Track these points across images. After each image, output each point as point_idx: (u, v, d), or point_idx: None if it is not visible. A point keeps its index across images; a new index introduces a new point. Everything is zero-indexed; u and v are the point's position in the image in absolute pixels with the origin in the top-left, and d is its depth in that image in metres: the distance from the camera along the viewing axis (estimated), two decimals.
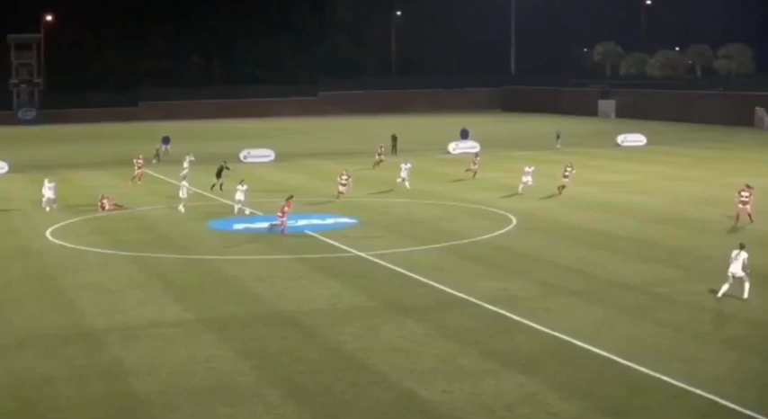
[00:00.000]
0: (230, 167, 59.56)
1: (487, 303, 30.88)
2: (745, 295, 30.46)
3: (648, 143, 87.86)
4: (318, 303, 31.36)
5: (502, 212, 48.73)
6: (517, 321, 28.89)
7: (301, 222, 46.29)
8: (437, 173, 65.87)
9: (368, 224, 46.29)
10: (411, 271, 35.49)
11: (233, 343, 27.11)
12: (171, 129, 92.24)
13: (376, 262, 37.43)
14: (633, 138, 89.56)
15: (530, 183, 54.76)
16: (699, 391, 22.61)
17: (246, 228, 45.47)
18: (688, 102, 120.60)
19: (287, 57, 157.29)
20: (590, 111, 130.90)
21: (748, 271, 30.54)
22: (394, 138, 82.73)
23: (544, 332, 27.68)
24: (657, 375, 23.76)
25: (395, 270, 36.03)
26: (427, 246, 40.41)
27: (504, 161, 73.63)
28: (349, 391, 23.20)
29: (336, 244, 41.20)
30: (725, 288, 30.60)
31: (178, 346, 26.83)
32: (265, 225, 45.61)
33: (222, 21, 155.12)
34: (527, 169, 55.38)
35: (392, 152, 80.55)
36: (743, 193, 44.03)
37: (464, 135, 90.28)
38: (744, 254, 30.58)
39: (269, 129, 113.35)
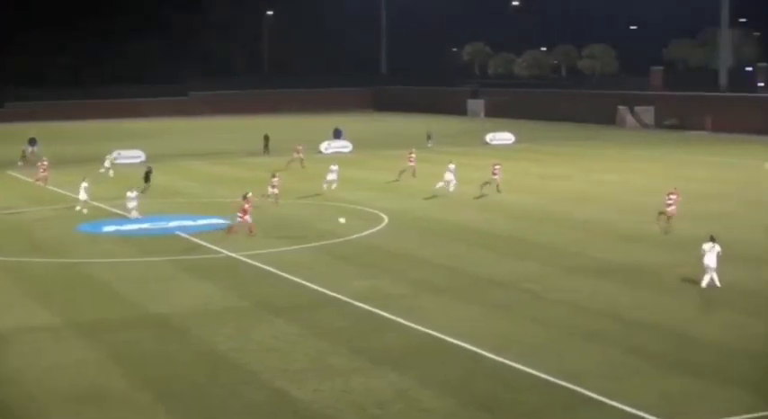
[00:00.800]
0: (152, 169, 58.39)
1: (359, 301, 30.90)
2: (703, 284, 31.79)
3: (516, 141, 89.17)
4: (190, 304, 30.98)
5: (374, 211, 48.85)
6: (389, 319, 28.97)
7: (172, 223, 45.73)
8: (309, 173, 65.68)
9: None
10: (283, 271, 35.31)
11: (103, 346, 26.60)
12: (38, 131, 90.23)
13: (248, 263, 37.15)
14: (502, 137, 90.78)
15: (454, 182, 54.64)
16: (567, 384, 22.96)
17: (117, 231, 44.69)
18: (554, 102, 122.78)
19: (158, 57, 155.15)
20: (460, 110, 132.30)
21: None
22: (266, 138, 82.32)
23: (416, 329, 27.80)
24: (527, 369, 24.06)
25: (267, 270, 35.81)
26: (300, 246, 40.28)
27: (378, 160, 73.85)
28: (222, 392, 22.95)
29: (208, 245, 40.78)
30: (706, 278, 31.83)
31: (46, 351, 26.22)
32: (135, 227, 44.87)
33: (92, 20, 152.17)
34: (450, 166, 55.09)
35: (264, 152, 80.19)
36: (670, 196, 43.37)
37: (337, 134, 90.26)
38: (717, 247, 31.88)
39: (140, 129, 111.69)
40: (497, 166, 55.65)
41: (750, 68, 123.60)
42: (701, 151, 79.77)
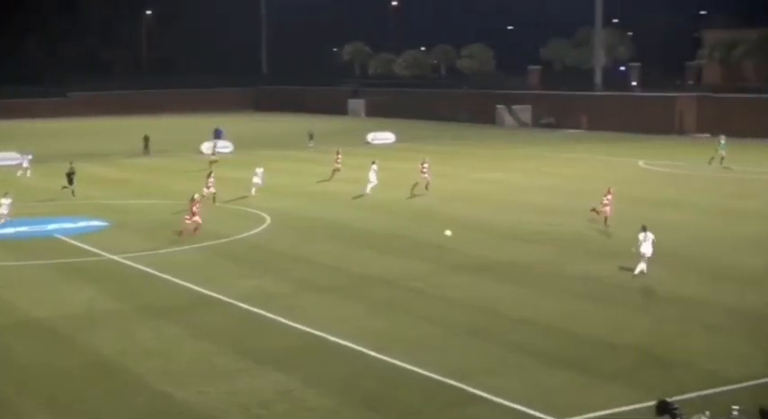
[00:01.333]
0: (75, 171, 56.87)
1: (242, 302, 30.76)
2: (636, 271, 33.27)
3: (397, 141, 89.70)
4: (72, 308, 30.46)
5: (256, 212, 48.66)
6: (272, 319, 28.91)
7: (51, 226, 44.89)
8: (189, 173, 65.14)
9: (120, 226, 45.30)
10: (165, 273, 34.96)
11: None
12: None
13: (130, 265, 36.69)
14: (382, 136, 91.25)
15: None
16: (450, 381, 23.21)
17: None
18: (434, 101, 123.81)
19: (36, 58, 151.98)
20: (341, 110, 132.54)
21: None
22: (146, 139, 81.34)
23: (300, 329, 27.80)
24: (410, 367, 24.24)
25: (149, 272, 35.41)
26: (181, 247, 39.90)
27: (259, 160, 73.47)
28: (105, 397, 22.64)
29: (88, 247, 40.13)
30: (641, 266, 33.20)
31: None
32: (12, 230, 43.89)
33: None
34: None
35: (144, 153, 79.26)
36: (607, 197, 43.22)
37: (217, 135, 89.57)
38: (651, 235, 33.16)
39: (17, 130, 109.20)
40: (426, 165, 55.61)
41: (624, 68, 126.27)
42: (578, 149, 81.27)
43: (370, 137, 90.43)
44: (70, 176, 55.41)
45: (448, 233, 39.79)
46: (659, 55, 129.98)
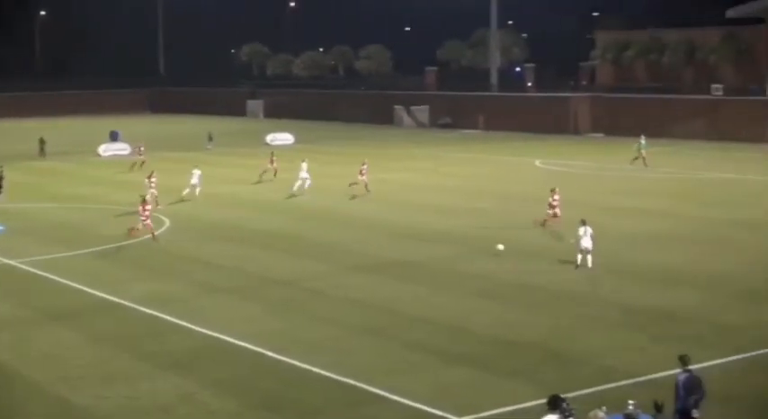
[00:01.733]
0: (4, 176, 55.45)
1: (141, 306, 30.49)
2: (590, 264, 34.55)
3: (296, 142, 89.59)
4: None
5: (154, 214, 48.09)
6: (171, 322, 28.72)
7: None
8: (87, 176, 64.31)
9: (16, 231, 44.49)
10: (62, 277, 34.48)
11: None
12: None
13: (26, 270, 36.10)
14: (281, 138, 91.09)
15: (308, 181, 54.44)
16: (349, 381, 23.32)
17: None
18: (332, 102, 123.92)
19: None
20: (239, 111, 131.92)
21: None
22: (42, 142, 79.97)
23: (198, 331, 27.67)
24: (309, 367, 24.30)
25: (45, 276, 34.88)
26: (78, 251, 39.38)
27: (157, 162, 72.78)
28: (1, 404, 22.27)
29: None
30: (579, 259, 34.68)
31: None
32: None
33: None
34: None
35: (39, 155, 77.95)
36: (554, 197, 42.85)
37: (114, 137, 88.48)
38: (590, 229, 34.76)
39: None
40: (365, 166, 55.55)
41: (519, 69, 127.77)
42: (475, 149, 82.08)
43: (269, 138, 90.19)
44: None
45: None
46: (554, 56, 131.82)
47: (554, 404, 16.78)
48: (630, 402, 18.01)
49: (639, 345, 26.00)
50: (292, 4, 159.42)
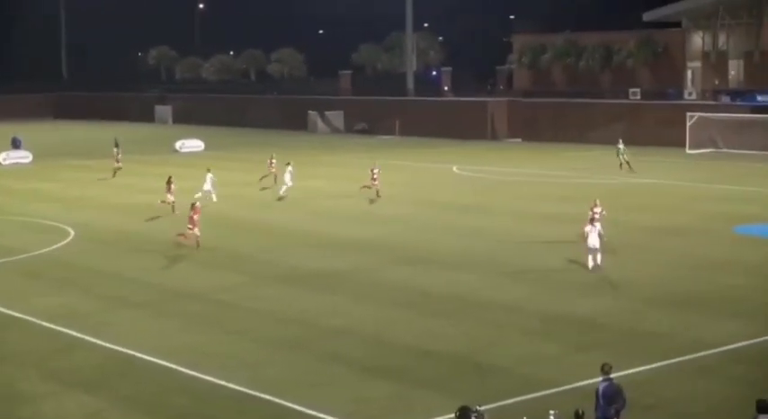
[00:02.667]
0: None
1: (46, 321, 30.04)
2: (600, 262, 35.42)
3: (207, 148, 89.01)
4: None
5: (59, 225, 47.51)
6: (78, 338, 28.34)
7: None
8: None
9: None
10: None
11: None
12: None
13: None
14: (191, 144, 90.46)
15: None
16: (263, 395, 23.22)
17: None
18: (244, 107, 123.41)
19: None
20: (147, 116, 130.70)
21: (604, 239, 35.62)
22: None
23: (107, 347, 27.34)
24: (223, 382, 24.15)
25: None
26: None
27: (61, 170, 71.90)
28: None
29: None
30: (590, 261, 35.49)
31: None
32: None
33: None
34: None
35: None
36: (595, 209, 40.20)
37: (15, 144, 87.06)
38: (598, 227, 35.74)
39: None
40: (376, 170, 55.76)
41: (435, 72, 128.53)
42: (392, 155, 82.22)
43: (179, 144, 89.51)
44: None
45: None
46: (470, 59, 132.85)
47: (463, 415, 16.84)
48: (552, 412, 18.19)
49: (560, 354, 26.28)
50: (201, 5, 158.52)
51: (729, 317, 29.66)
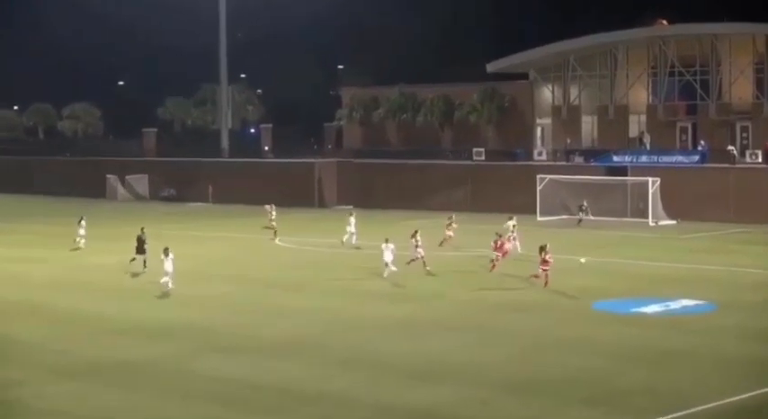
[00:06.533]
0: None
1: None
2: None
3: None
4: None
5: None
6: None
7: None
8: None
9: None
10: None
11: None
12: None
13: None
14: None
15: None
16: None
17: None
18: (30, 170, 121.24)
19: None
20: None
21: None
22: None
23: None
24: None
25: None
26: None
27: None
28: None
29: None
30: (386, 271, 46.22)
31: None
32: None
33: None
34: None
35: None
36: (546, 256, 49.48)
37: None
38: (391, 245, 49.06)
39: None
40: (453, 224, 63.23)
41: (254, 130, 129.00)
42: (204, 226, 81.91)
43: None
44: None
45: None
46: (294, 115, 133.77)
47: None
48: None
49: None
50: None
51: (581, 404, 30.40)
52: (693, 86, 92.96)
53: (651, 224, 79.14)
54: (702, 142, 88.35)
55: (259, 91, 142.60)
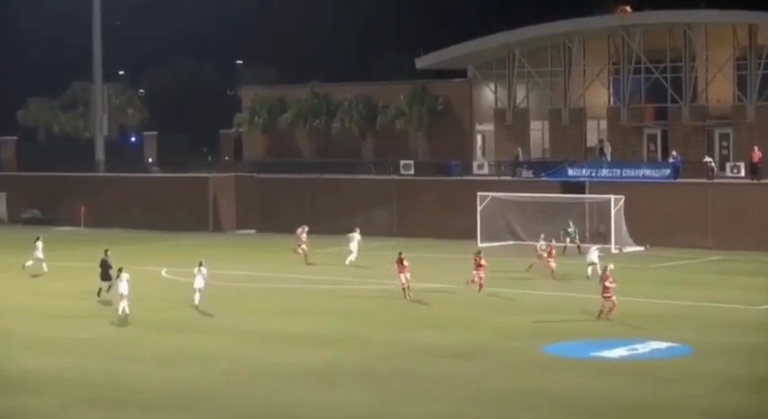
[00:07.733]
0: None
1: None
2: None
3: None
4: None
5: None
6: None
7: None
8: None
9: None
10: None
11: None
12: None
13: None
14: None
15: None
16: None
17: None
18: None
19: None
20: None
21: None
22: None
23: None
24: None
25: None
26: None
27: None
28: None
29: None
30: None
31: None
32: None
33: None
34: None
35: None
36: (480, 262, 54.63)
37: None
38: (204, 270, 52.89)
39: None
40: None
41: (135, 138, 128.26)
42: (74, 256, 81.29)
43: None
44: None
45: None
46: (184, 119, 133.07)
47: None
48: None
49: None
50: None
51: None
52: (663, 86, 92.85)
53: (614, 251, 78.81)
54: (674, 153, 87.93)
55: (141, 91, 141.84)
